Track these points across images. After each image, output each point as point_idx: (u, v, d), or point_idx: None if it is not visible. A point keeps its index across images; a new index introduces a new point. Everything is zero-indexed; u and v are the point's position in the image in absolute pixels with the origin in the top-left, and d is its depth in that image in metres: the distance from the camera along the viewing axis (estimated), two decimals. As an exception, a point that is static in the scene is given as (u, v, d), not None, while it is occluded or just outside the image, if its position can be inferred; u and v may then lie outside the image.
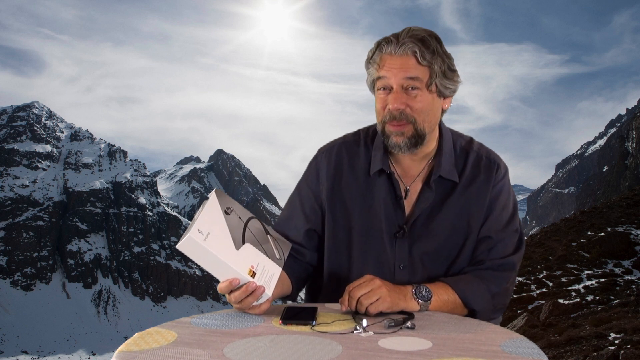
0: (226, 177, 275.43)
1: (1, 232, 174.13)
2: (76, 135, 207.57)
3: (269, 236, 1.48)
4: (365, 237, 1.59)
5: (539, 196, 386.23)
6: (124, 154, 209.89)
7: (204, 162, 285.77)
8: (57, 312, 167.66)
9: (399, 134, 1.49)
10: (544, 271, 19.76)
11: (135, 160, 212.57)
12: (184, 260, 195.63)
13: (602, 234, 22.23)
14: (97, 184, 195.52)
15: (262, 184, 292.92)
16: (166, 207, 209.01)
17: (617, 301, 13.70)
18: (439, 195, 1.57)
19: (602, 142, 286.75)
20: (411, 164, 1.59)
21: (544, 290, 17.58)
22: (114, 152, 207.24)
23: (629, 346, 7.33)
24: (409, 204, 1.59)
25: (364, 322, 1.25)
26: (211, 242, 1.31)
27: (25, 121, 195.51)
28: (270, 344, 1.17)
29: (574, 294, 15.98)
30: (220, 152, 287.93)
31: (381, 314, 1.39)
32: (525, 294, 17.38)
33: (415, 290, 1.45)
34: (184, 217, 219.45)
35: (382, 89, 1.49)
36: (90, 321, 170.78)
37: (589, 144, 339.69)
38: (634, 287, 15.58)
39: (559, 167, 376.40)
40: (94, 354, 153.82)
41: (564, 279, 18.05)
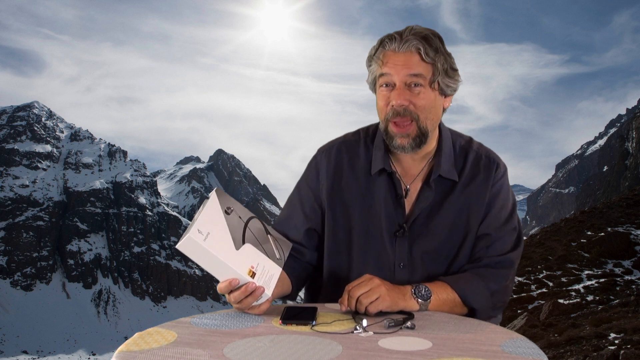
0: (226, 177, 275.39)
1: (1, 232, 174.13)
2: (76, 135, 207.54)
3: (269, 236, 1.48)
4: (365, 237, 1.59)
5: (539, 196, 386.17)
6: (124, 154, 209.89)
7: (204, 162, 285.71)
8: (57, 312, 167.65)
9: (404, 135, 1.49)
10: (544, 271, 19.75)
11: (135, 160, 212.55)
12: (184, 260, 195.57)
13: (602, 234, 22.22)
14: (97, 184, 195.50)
15: (262, 184, 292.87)
16: (166, 207, 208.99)
17: (617, 301, 13.69)
18: (439, 194, 1.58)
19: (602, 142, 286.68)
20: (411, 164, 1.59)
21: (544, 290, 17.57)
22: (114, 152, 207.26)
23: (629, 346, 7.32)
24: (408, 203, 1.59)
25: (364, 322, 1.24)
26: (211, 242, 1.30)
27: (25, 121, 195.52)
28: (270, 344, 1.17)
29: (574, 294, 15.98)
30: (220, 152, 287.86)
31: (381, 314, 1.38)
32: (525, 294, 17.38)
33: (414, 289, 1.45)
34: (184, 217, 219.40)
35: (385, 86, 1.49)
36: (90, 321, 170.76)
37: (589, 144, 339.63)
38: (634, 287, 15.57)
39: (559, 167, 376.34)
40: (94, 354, 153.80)
41: (564, 279, 18.04)
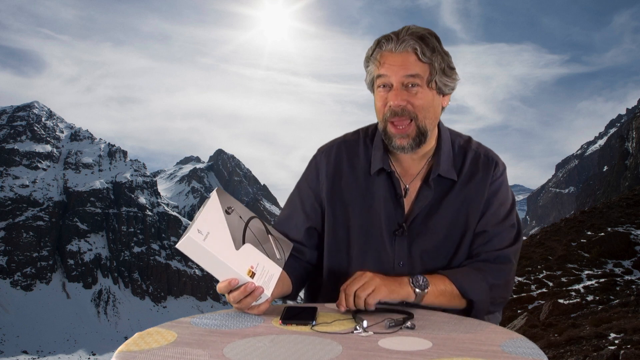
0: (226, 177, 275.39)
1: (1, 232, 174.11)
2: (76, 135, 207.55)
3: (270, 236, 1.47)
4: (364, 235, 1.60)
5: (539, 196, 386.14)
6: (124, 154, 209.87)
7: (204, 162, 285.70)
8: (57, 312, 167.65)
9: (403, 136, 1.49)
10: (544, 271, 19.75)
11: (135, 160, 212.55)
12: (184, 260, 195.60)
13: (602, 234, 22.21)
14: (97, 184, 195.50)
15: (262, 184, 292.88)
16: (166, 207, 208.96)
17: (617, 301, 13.69)
18: (438, 193, 1.58)
19: (602, 142, 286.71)
20: (411, 163, 1.60)
21: (544, 290, 17.57)
22: (114, 152, 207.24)
23: (629, 346, 7.32)
24: (408, 202, 1.60)
25: (364, 322, 1.24)
26: (210, 242, 1.30)
27: (25, 121, 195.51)
28: (270, 344, 1.17)
29: (574, 294, 15.97)
30: (220, 152, 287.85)
31: (381, 314, 1.38)
32: (525, 294, 17.37)
33: (412, 279, 1.46)
34: (184, 217, 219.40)
35: (382, 87, 1.49)
36: (90, 321, 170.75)
37: (589, 144, 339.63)
38: (634, 287, 15.57)
39: (559, 167, 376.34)
40: (94, 354, 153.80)
41: (564, 279, 18.04)
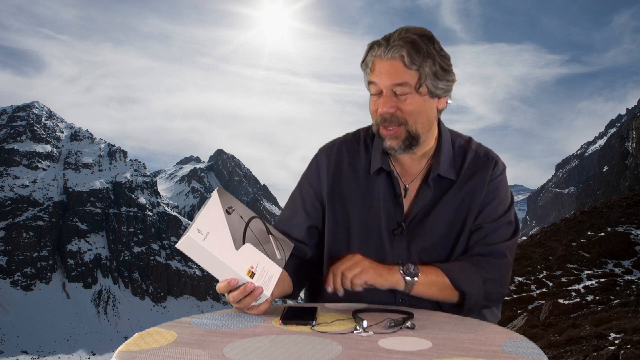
0: (226, 177, 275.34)
1: (1, 232, 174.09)
2: (76, 135, 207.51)
3: (270, 236, 1.47)
4: (364, 234, 1.61)
5: (539, 196, 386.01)
6: (124, 154, 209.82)
7: (204, 162, 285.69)
8: (57, 312, 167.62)
9: (393, 137, 1.51)
10: (544, 271, 19.75)
11: (135, 160, 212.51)
12: (184, 260, 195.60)
13: (602, 234, 22.21)
14: (97, 184, 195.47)
15: (262, 184, 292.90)
16: (166, 207, 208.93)
17: (617, 301, 13.69)
18: (437, 193, 1.59)
19: (602, 142, 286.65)
20: (411, 163, 1.61)
21: (544, 290, 17.57)
22: (114, 152, 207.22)
23: (629, 346, 7.32)
24: (407, 202, 1.61)
25: (364, 322, 1.24)
26: (210, 241, 1.31)
27: (25, 121, 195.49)
28: (270, 344, 1.17)
29: (574, 294, 15.97)
30: (220, 152, 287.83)
31: (381, 314, 1.38)
32: (525, 294, 17.37)
33: (402, 267, 1.48)
34: (184, 217, 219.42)
35: (374, 93, 1.51)
36: (90, 321, 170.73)
37: (589, 144, 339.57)
38: (634, 287, 15.57)
39: (559, 167, 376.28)
40: (94, 354, 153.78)
41: (564, 279, 18.04)
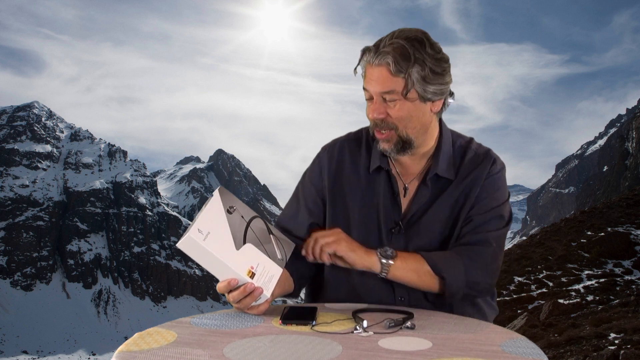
0: (226, 177, 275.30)
1: (1, 232, 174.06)
2: (76, 135, 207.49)
3: (271, 236, 1.47)
4: (363, 232, 1.62)
5: (539, 196, 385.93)
6: (124, 154, 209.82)
7: (204, 162, 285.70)
8: (57, 312, 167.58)
9: (385, 141, 1.53)
10: (544, 271, 19.76)
11: (135, 160, 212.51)
12: (184, 260, 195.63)
13: (602, 234, 22.21)
14: (97, 184, 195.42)
15: (262, 184, 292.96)
16: (166, 207, 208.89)
17: (617, 301, 13.69)
18: (435, 192, 1.60)
19: (602, 142, 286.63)
20: (411, 163, 1.62)
21: (544, 290, 17.58)
22: (114, 152, 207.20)
23: (629, 346, 7.31)
24: (407, 201, 1.62)
25: (364, 322, 1.24)
26: (210, 241, 1.30)
27: (25, 121, 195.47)
28: (270, 344, 1.17)
29: (574, 294, 15.97)
30: (220, 152, 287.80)
31: (381, 314, 1.38)
32: (525, 294, 17.38)
33: (379, 249, 1.50)
34: (184, 217, 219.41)
35: (367, 99, 1.54)
36: (90, 321, 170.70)
37: (589, 144, 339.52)
38: (634, 287, 15.57)
39: (559, 167, 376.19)
40: (94, 354, 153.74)
41: (564, 279, 18.04)
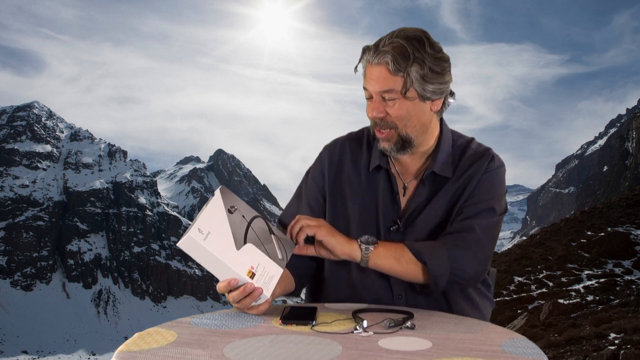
0: (226, 177, 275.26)
1: (1, 232, 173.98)
2: (76, 135, 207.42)
3: (272, 236, 1.47)
4: (362, 230, 1.62)
5: (539, 196, 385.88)
6: (124, 154, 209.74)
7: (204, 162, 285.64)
8: (57, 312, 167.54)
9: (385, 140, 1.54)
10: (544, 271, 19.76)
11: (135, 160, 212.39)
12: (184, 260, 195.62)
13: (602, 234, 22.21)
14: (97, 184, 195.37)
15: (262, 184, 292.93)
16: (166, 207, 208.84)
17: (617, 301, 13.69)
18: (433, 190, 1.61)
19: (602, 142, 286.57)
20: (411, 162, 1.63)
21: (544, 290, 17.57)
22: (114, 152, 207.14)
23: (629, 346, 7.31)
24: (406, 200, 1.63)
25: (364, 322, 1.24)
26: (210, 241, 1.30)
27: (25, 121, 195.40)
28: (270, 344, 1.17)
29: (574, 294, 15.97)
30: (220, 152, 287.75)
31: (381, 314, 1.38)
32: (525, 294, 17.38)
33: (360, 237, 1.51)
34: (184, 217, 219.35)
35: (367, 98, 1.55)
36: (90, 321, 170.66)
37: (589, 144, 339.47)
38: (634, 287, 15.57)
39: (559, 167, 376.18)
40: (94, 354, 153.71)
41: (564, 279, 18.04)
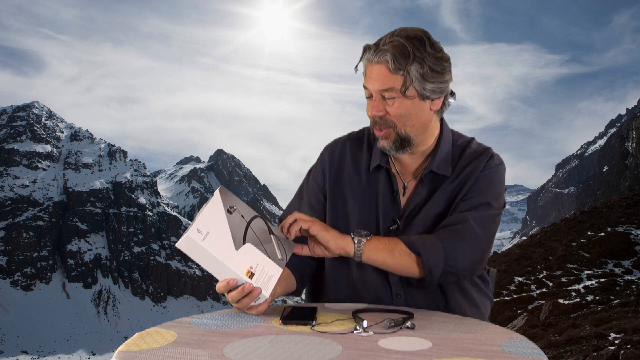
0: (226, 177, 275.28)
1: (1, 232, 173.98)
2: (76, 135, 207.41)
3: (272, 236, 1.46)
4: (363, 229, 1.61)
5: (539, 196, 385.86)
6: (124, 154, 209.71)
7: (204, 162, 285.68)
8: (57, 312, 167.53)
9: (384, 138, 1.54)
10: (544, 271, 19.76)
11: (135, 160, 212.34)
12: (184, 260, 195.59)
13: (602, 234, 22.22)
14: (97, 184, 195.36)
15: (262, 184, 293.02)
16: (166, 207, 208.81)
17: (617, 301, 13.69)
18: (432, 189, 1.61)
19: (602, 142, 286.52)
20: (411, 162, 1.63)
21: (544, 290, 17.57)
22: (114, 152, 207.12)
23: (629, 346, 7.31)
24: (406, 199, 1.63)
25: (364, 322, 1.24)
26: (210, 241, 1.30)
27: (25, 121, 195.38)
28: (270, 344, 1.17)
29: (574, 294, 15.97)
30: (220, 152, 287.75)
31: (381, 314, 1.38)
32: (525, 294, 17.38)
33: (354, 231, 1.51)
34: (184, 217, 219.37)
35: (367, 97, 1.55)
36: (90, 321, 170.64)
37: (589, 144, 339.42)
38: (634, 287, 15.58)
39: (559, 167, 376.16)
40: (94, 354, 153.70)
41: (564, 279, 18.04)
